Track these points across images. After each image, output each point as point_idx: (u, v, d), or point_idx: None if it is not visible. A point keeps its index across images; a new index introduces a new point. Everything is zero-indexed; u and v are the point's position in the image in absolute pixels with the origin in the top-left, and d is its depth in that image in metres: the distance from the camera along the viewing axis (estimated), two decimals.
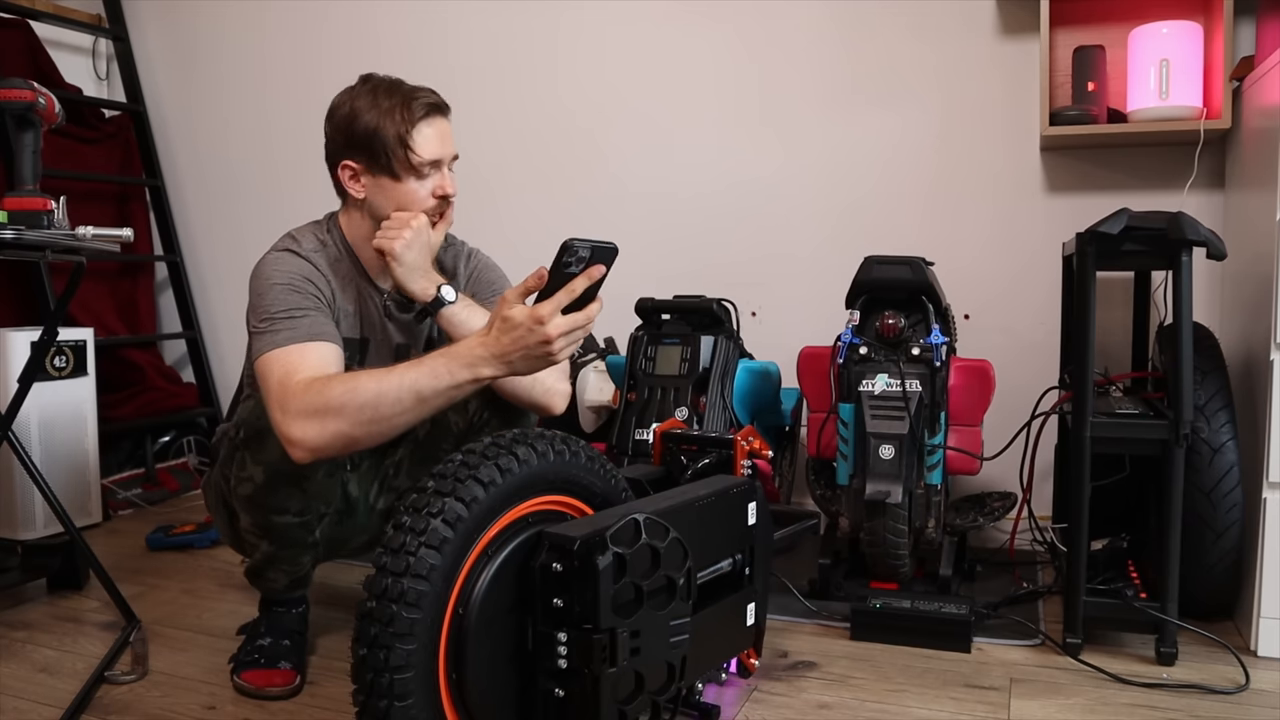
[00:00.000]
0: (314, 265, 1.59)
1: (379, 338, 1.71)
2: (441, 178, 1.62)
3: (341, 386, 1.37)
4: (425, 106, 1.58)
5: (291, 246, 1.61)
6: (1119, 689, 1.62)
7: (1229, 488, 1.76)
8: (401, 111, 1.56)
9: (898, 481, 1.83)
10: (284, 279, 1.54)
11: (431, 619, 1.10)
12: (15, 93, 1.72)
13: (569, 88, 2.86)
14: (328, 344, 1.50)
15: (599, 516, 1.24)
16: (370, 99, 1.58)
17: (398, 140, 1.56)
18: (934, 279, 2.01)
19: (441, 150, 1.61)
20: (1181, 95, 2.13)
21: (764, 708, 1.56)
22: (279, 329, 1.48)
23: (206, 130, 3.37)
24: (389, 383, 1.35)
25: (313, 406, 1.36)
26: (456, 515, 1.12)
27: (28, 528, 2.43)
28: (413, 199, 1.60)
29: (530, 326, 1.29)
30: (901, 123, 2.57)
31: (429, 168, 1.60)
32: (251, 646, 1.66)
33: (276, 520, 1.58)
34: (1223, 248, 1.64)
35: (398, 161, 1.57)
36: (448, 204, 1.65)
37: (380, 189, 1.60)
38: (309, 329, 1.49)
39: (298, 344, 1.47)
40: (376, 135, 1.56)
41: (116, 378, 3.07)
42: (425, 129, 1.58)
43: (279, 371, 1.43)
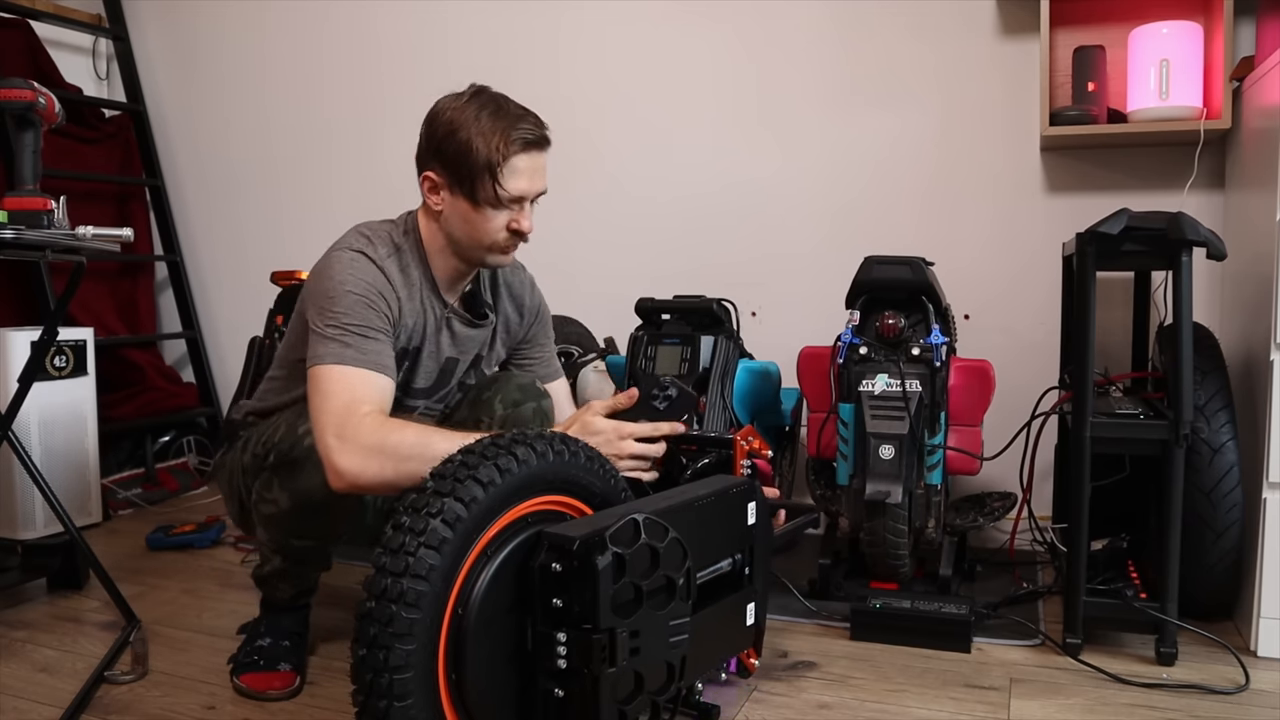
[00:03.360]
0: (386, 276, 1.54)
1: (430, 348, 1.67)
2: (520, 212, 1.56)
3: (415, 437, 1.36)
4: (523, 141, 1.51)
5: (367, 250, 1.55)
6: (1119, 689, 1.62)
7: (1229, 488, 1.76)
8: (500, 140, 1.49)
9: (898, 481, 1.83)
10: (360, 289, 1.49)
11: (431, 619, 1.10)
12: (15, 92, 1.72)
13: (569, 88, 2.86)
14: (388, 379, 1.49)
15: (598, 516, 1.24)
16: (474, 115, 1.51)
17: (487, 168, 1.49)
18: (934, 279, 2.01)
19: (529, 186, 1.54)
20: (1181, 95, 2.13)
21: (764, 708, 1.56)
22: (349, 343, 1.45)
23: (206, 130, 3.37)
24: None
25: (378, 446, 1.36)
26: (456, 515, 1.12)
27: (28, 528, 2.43)
28: (485, 228, 1.54)
29: (611, 438, 1.43)
30: (901, 123, 2.57)
31: (512, 202, 1.54)
32: (251, 647, 1.66)
33: (295, 543, 1.59)
34: (1223, 248, 1.64)
35: (481, 189, 1.51)
36: (521, 239, 1.59)
37: (457, 209, 1.55)
38: (377, 357, 1.47)
39: (365, 370, 1.45)
40: (468, 157, 1.49)
41: (116, 378, 3.08)
42: (519, 163, 1.51)
43: (344, 395, 1.41)
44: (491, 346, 1.77)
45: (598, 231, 2.87)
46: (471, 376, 1.77)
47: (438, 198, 1.57)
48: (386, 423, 1.40)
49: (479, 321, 1.71)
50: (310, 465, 1.46)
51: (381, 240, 1.59)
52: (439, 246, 1.62)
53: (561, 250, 2.12)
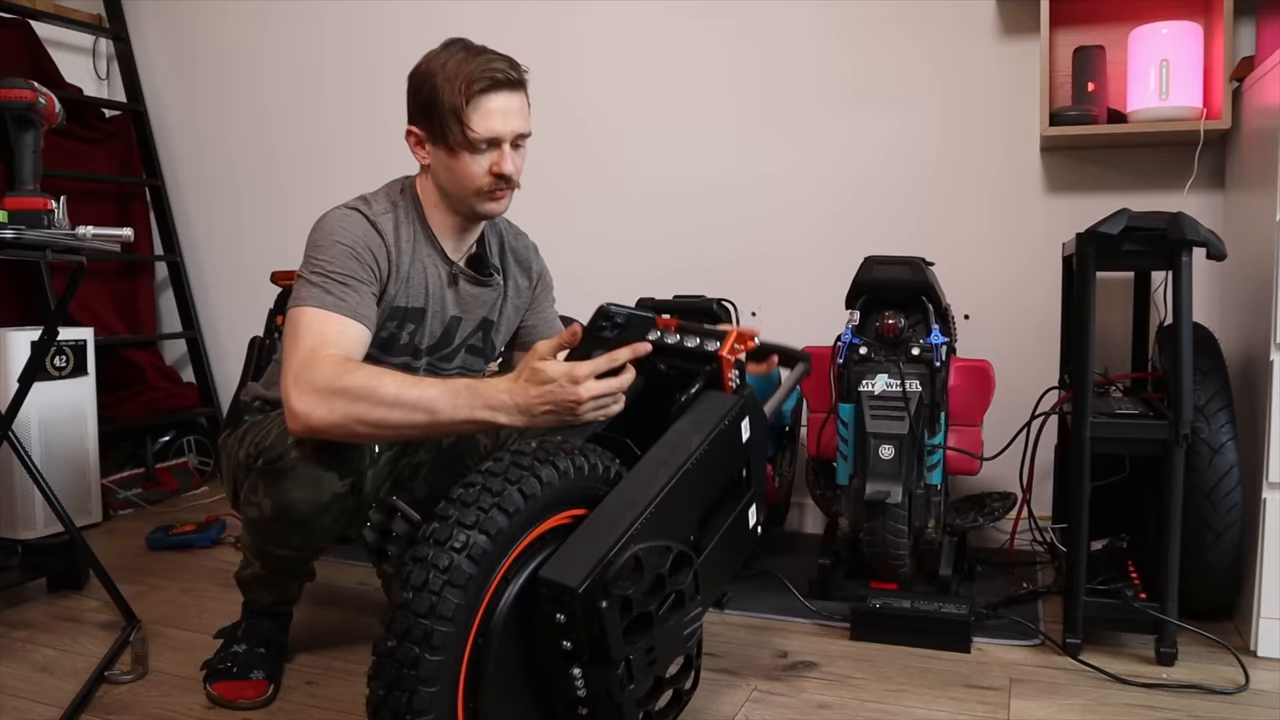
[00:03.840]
0: (379, 231, 1.55)
1: (435, 308, 1.65)
2: (499, 155, 1.54)
3: (364, 376, 1.35)
4: (487, 80, 1.50)
5: (361, 207, 1.57)
6: (1119, 689, 1.62)
7: (1229, 488, 1.76)
8: (464, 82, 1.48)
9: (898, 481, 1.83)
10: (348, 240, 1.51)
11: (454, 658, 1.06)
12: (15, 93, 1.72)
13: (570, 88, 2.86)
14: (363, 328, 1.48)
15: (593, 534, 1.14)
16: (442, 63, 1.52)
17: (453, 112, 1.49)
18: (934, 279, 2.01)
19: (502, 127, 1.52)
20: (1181, 95, 2.13)
21: (764, 708, 1.56)
22: (329, 290, 1.46)
23: (207, 130, 3.37)
24: (410, 392, 1.33)
25: (330, 386, 1.34)
26: (481, 551, 1.07)
27: (28, 527, 2.43)
28: (467, 173, 1.54)
29: (564, 383, 1.27)
30: (901, 123, 2.56)
31: (485, 144, 1.52)
32: (226, 653, 1.64)
33: (273, 550, 1.57)
34: (1223, 248, 1.64)
35: (452, 135, 1.51)
36: (505, 183, 1.56)
37: (439, 160, 1.56)
38: (356, 306, 1.47)
39: (339, 316, 1.45)
40: (437, 104, 1.50)
41: (116, 378, 3.07)
42: (487, 104, 1.50)
43: (314, 337, 1.41)
44: (502, 312, 1.75)
45: (598, 231, 2.86)
46: (479, 340, 1.74)
47: (423, 152, 1.59)
48: (343, 364, 1.37)
49: (484, 280, 1.69)
50: (294, 478, 1.45)
51: (378, 199, 1.61)
52: (434, 202, 1.62)
53: (562, 249, 2.12)
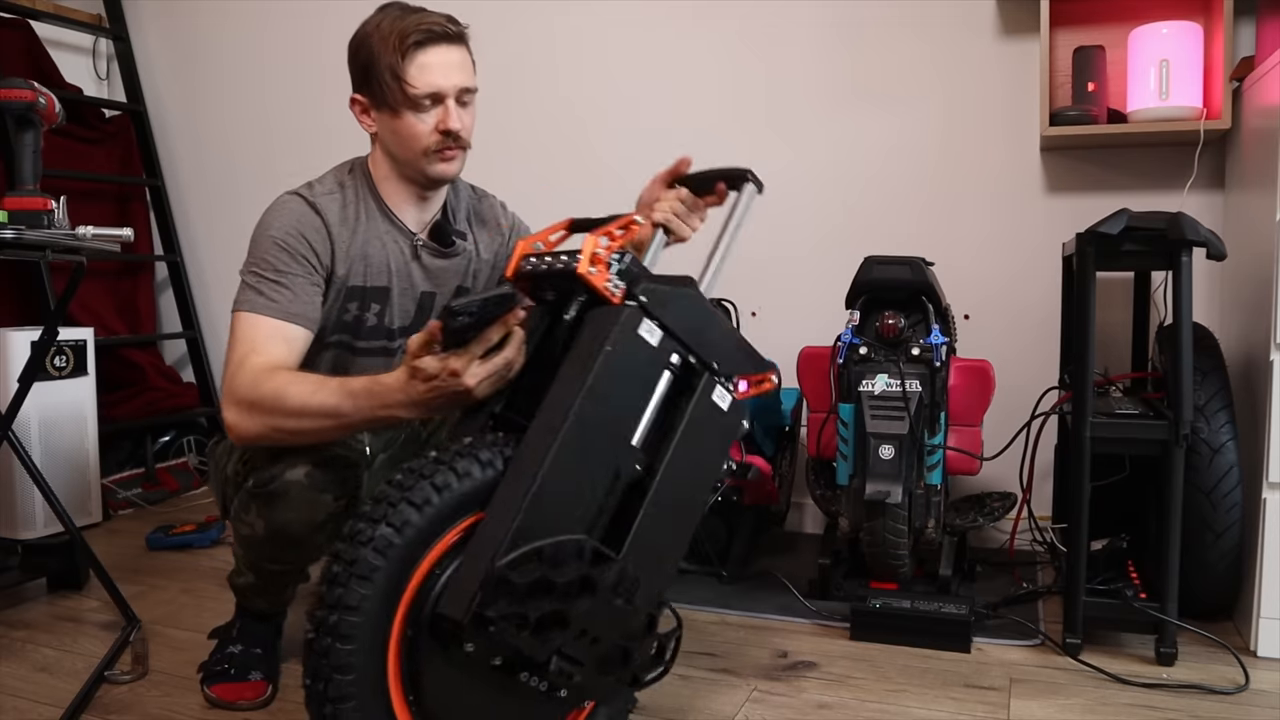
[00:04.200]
0: (319, 213, 1.53)
1: (403, 285, 1.63)
2: (444, 111, 1.50)
3: (273, 388, 1.37)
4: (423, 34, 1.46)
5: (303, 191, 1.56)
6: (1119, 689, 1.62)
7: (1229, 488, 1.76)
8: (397, 39, 1.46)
9: (898, 481, 1.83)
10: (280, 231, 1.50)
11: (371, 647, 1.09)
12: (15, 93, 1.72)
13: (570, 88, 2.86)
14: (298, 328, 1.49)
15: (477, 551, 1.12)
16: (376, 24, 1.49)
17: (390, 72, 1.46)
18: (934, 279, 2.01)
19: (442, 82, 1.49)
20: (1181, 95, 2.13)
21: (764, 708, 1.56)
22: (263, 290, 1.47)
23: (207, 130, 3.37)
24: (313, 400, 1.35)
25: (249, 399, 1.38)
26: (388, 543, 1.09)
27: (28, 528, 2.43)
28: (412, 133, 1.51)
29: (445, 378, 1.27)
30: (901, 123, 2.56)
31: (427, 100, 1.49)
32: (221, 655, 1.63)
33: (268, 567, 1.57)
34: (1223, 248, 1.64)
35: (392, 94, 1.48)
36: (454, 141, 1.53)
37: (384, 124, 1.53)
38: (287, 306, 1.48)
39: (272, 320, 1.46)
40: (374, 65, 1.48)
41: (116, 378, 3.07)
42: (421, 58, 1.47)
43: (244, 345, 1.44)
44: (476, 275, 1.72)
45: None
46: None
47: (369, 119, 1.56)
48: (258, 376, 1.39)
49: (448, 250, 1.66)
50: (287, 500, 1.43)
51: (324, 181, 1.59)
52: (385, 174, 1.59)
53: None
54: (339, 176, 1.61)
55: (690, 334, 1.25)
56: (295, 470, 1.42)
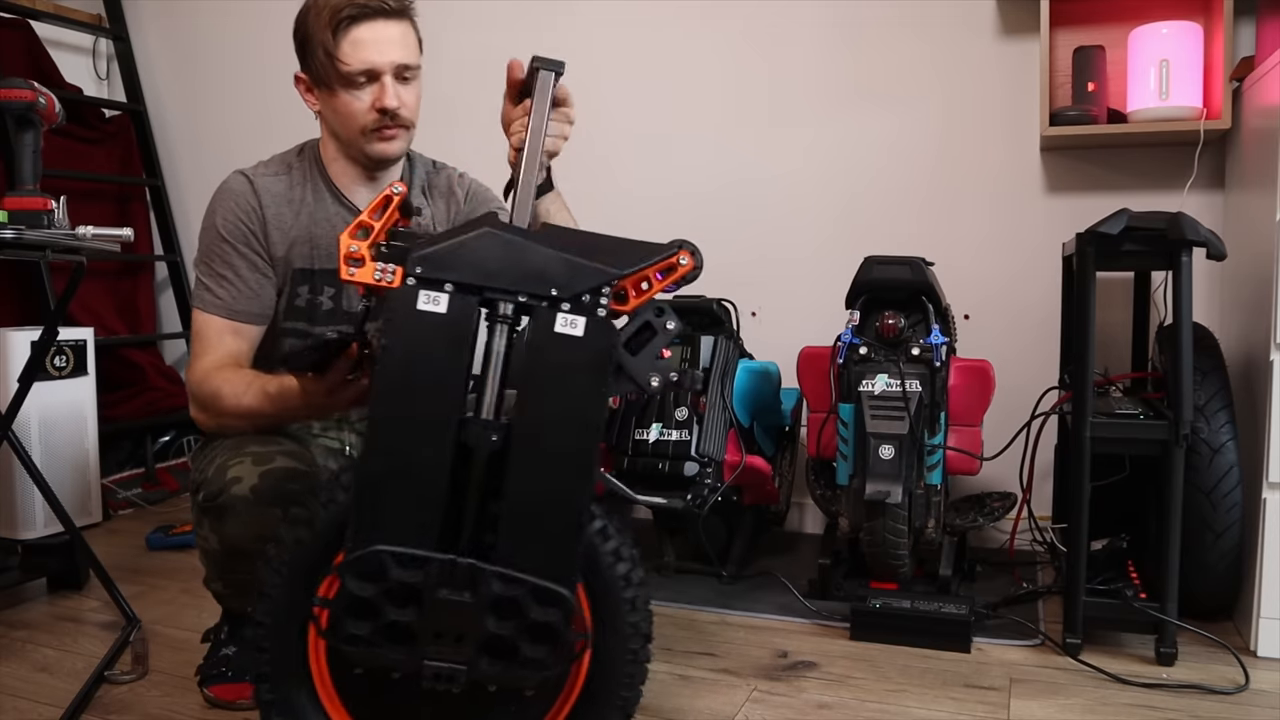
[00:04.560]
0: (256, 192, 1.54)
1: None
2: (380, 89, 1.47)
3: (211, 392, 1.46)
4: (356, 8, 1.43)
5: (248, 170, 1.57)
6: (1119, 689, 1.62)
7: (1229, 488, 1.76)
8: (330, 15, 1.43)
9: (898, 481, 1.83)
10: (218, 219, 1.53)
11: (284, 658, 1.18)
12: (15, 93, 1.72)
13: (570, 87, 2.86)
14: (247, 325, 1.53)
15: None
16: (313, 3, 1.47)
17: (323, 49, 1.45)
18: (934, 279, 2.01)
19: (377, 58, 1.45)
20: (1181, 95, 2.13)
21: (764, 708, 1.56)
22: (209, 286, 1.52)
23: (207, 130, 3.37)
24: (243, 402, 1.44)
25: (195, 395, 1.49)
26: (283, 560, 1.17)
27: (28, 528, 2.43)
28: (349, 111, 1.48)
29: (322, 398, 1.36)
30: (901, 123, 2.56)
31: (361, 78, 1.46)
32: (217, 658, 1.62)
33: (231, 577, 1.55)
34: (1223, 248, 1.64)
35: (327, 73, 1.46)
36: (391, 119, 1.49)
37: (325, 102, 1.52)
38: (232, 303, 1.52)
39: (220, 318, 1.52)
40: (309, 44, 1.47)
41: (116, 378, 3.07)
42: (354, 34, 1.44)
43: (198, 343, 1.52)
44: None
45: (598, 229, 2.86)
46: None
47: (313, 98, 1.55)
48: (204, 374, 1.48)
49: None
50: (235, 515, 1.40)
51: (272, 162, 1.60)
52: (333, 154, 1.59)
53: None
54: (287, 158, 1.62)
55: (500, 275, 1.13)
56: (240, 485, 1.39)
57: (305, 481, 1.45)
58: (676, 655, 1.78)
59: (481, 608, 1.08)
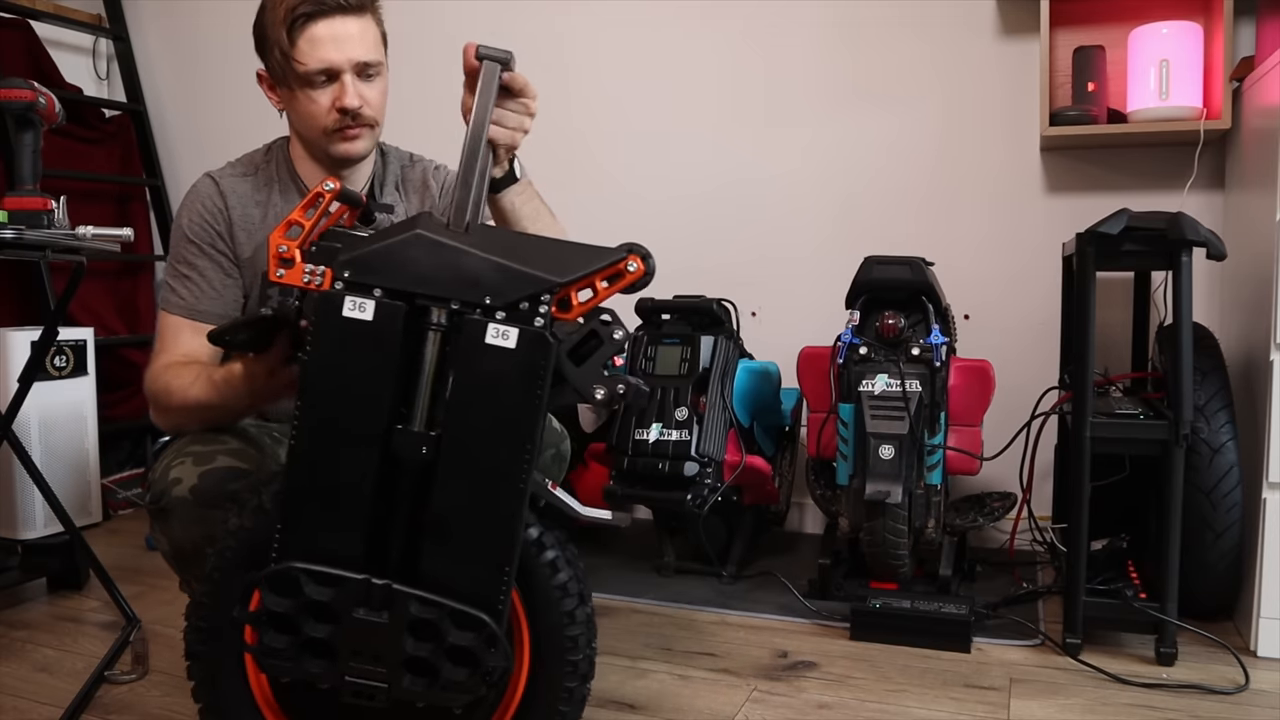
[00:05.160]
0: (222, 194, 1.52)
1: None
2: (339, 88, 1.42)
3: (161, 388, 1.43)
4: (311, 5, 1.38)
5: (215, 171, 1.55)
6: (1119, 689, 1.62)
7: (1229, 488, 1.76)
8: (285, 14, 1.38)
9: (898, 481, 1.83)
10: (187, 220, 1.51)
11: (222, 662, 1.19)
12: (15, 92, 1.72)
13: (569, 88, 2.86)
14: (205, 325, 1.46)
15: None
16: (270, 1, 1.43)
17: (278, 47, 1.40)
18: (934, 279, 2.01)
19: (336, 55, 1.40)
20: (1181, 95, 2.13)
21: (764, 708, 1.56)
22: (173, 287, 1.50)
23: (207, 130, 3.37)
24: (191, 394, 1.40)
25: (148, 394, 1.46)
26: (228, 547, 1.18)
27: (28, 528, 2.43)
28: (311, 113, 1.45)
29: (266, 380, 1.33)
30: (901, 123, 2.56)
31: (319, 77, 1.41)
32: None
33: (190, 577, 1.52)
34: (1223, 248, 1.64)
35: (287, 71, 1.42)
36: (352, 119, 1.44)
37: (287, 102, 1.48)
38: (194, 303, 1.50)
39: (180, 318, 1.50)
40: (264, 41, 1.44)
41: (116, 378, 3.07)
42: (311, 31, 1.39)
43: (157, 342, 1.51)
44: None
45: (597, 230, 2.84)
46: None
47: (275, 96, 1.51)
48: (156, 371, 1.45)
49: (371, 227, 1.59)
50: (177, 518, 1.37)
51: (240, 162, 1.58)
52: (300, 153, 1.56)
53: None
54: (255, 158, 1.60)
55: (432, 283, 1.08)
56: (180, 486, 1.36)
57: (249, 479, 1.42)
58: (676, 655, 1.78)
59: (398, 629, 1.06)
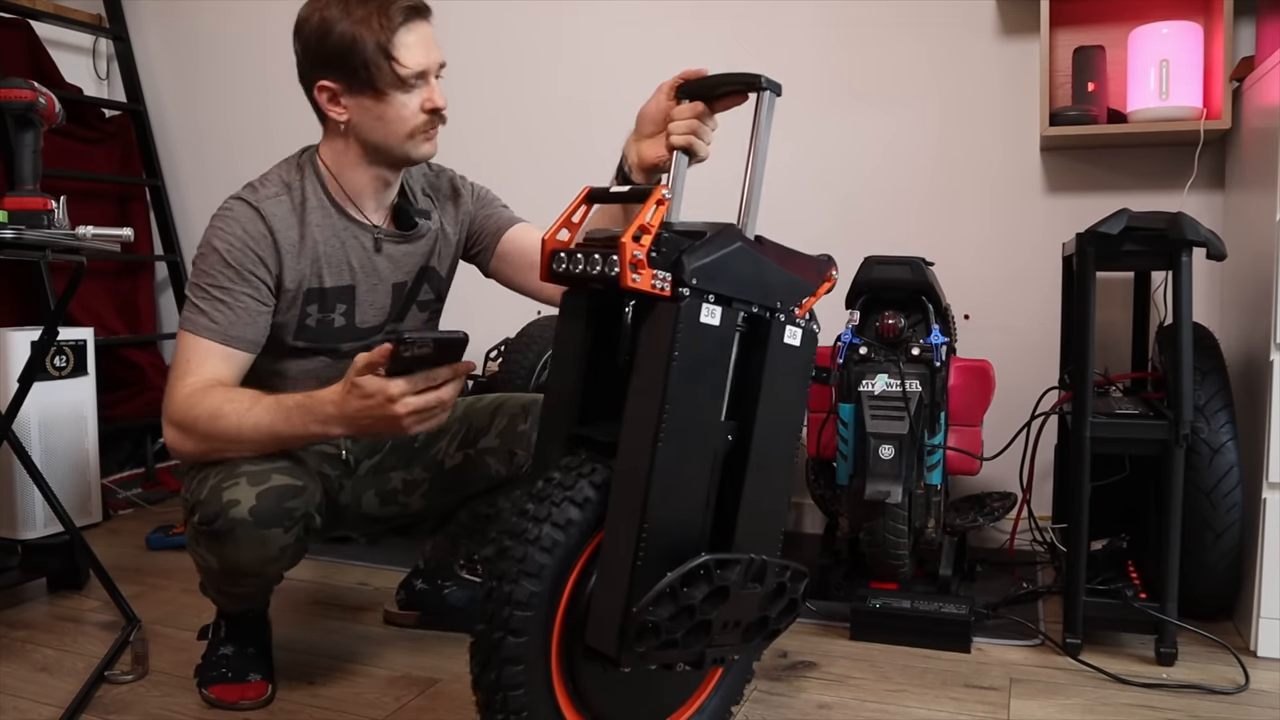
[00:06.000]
0: (263, 217, 1.48)
1: (370, 281, 1.59)
2: (430, 89, 1.48)
3: (206, 413, 1.38)
4: (405, 10, 1.43)
5: (247, 195, 1.51)
6: (1119, 689, 1.62)
7: (1229, 488, 1.76)
8: (379, 18, 1.42)
9: (898, 481, 1.83)
10: (224, 244, 1.46)
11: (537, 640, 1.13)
12: (15, 92, 1.72)
13: (569, 88, 2.86)
14: (239, 351, 1.46)
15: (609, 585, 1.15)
16: (342, 7, 1.43)
17: (379, 50, 1.41)
18: (934, 279, 2.01)
19: (427, 59, 1.46)
20: (1181, 95, 2.13)
21: (764, 708, 1.56)
22: (203, 310, 1.45)
23: (207, 130, 3.37)
24: (249, 420, 1.38)
25: (182, 419, 1.40)
26: (554, 541, 1.13)
27: (28, 528, 2.43)
28: (398, 115, 1.47)
29: (381, 401, 1.29)
30: (901, 123, 2.56)
31: (416, 79, 1.46)
32: (216, 657, 1.61)
33: (232, 590, 1.55)
34: (1223, 248, 1.64)
35: (381, 75, 1.43)
36: (440, 119, 1.51)
37: (364, 109, 1.47)
38: (228, 328, 1.45)
39: (209, 341, 1.44)
40: (354, 48, 1.42)
41: (116, 378, 3.07)
42: (407, 35, 1.44)
43: (182, 365, 1.44)
44: (440, 254, 1.69)
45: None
46: (427, 292, 1.70)
47: (339, 107, 1.49)
48: (190, 399, 1.40)
49: (410, 233, 1.63)
50: (235, 540, 1.38)
51: (269, 182, 1.53)
52: (352, 163, 1.54)
53: None
54: (285, 176, 1.55)
55: (748, 289, 1.19)
56: (239, 508, 1.36)
57: (304, 497, 1.43)
58: None
59: (767, 595, 1.19)
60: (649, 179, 1.48)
